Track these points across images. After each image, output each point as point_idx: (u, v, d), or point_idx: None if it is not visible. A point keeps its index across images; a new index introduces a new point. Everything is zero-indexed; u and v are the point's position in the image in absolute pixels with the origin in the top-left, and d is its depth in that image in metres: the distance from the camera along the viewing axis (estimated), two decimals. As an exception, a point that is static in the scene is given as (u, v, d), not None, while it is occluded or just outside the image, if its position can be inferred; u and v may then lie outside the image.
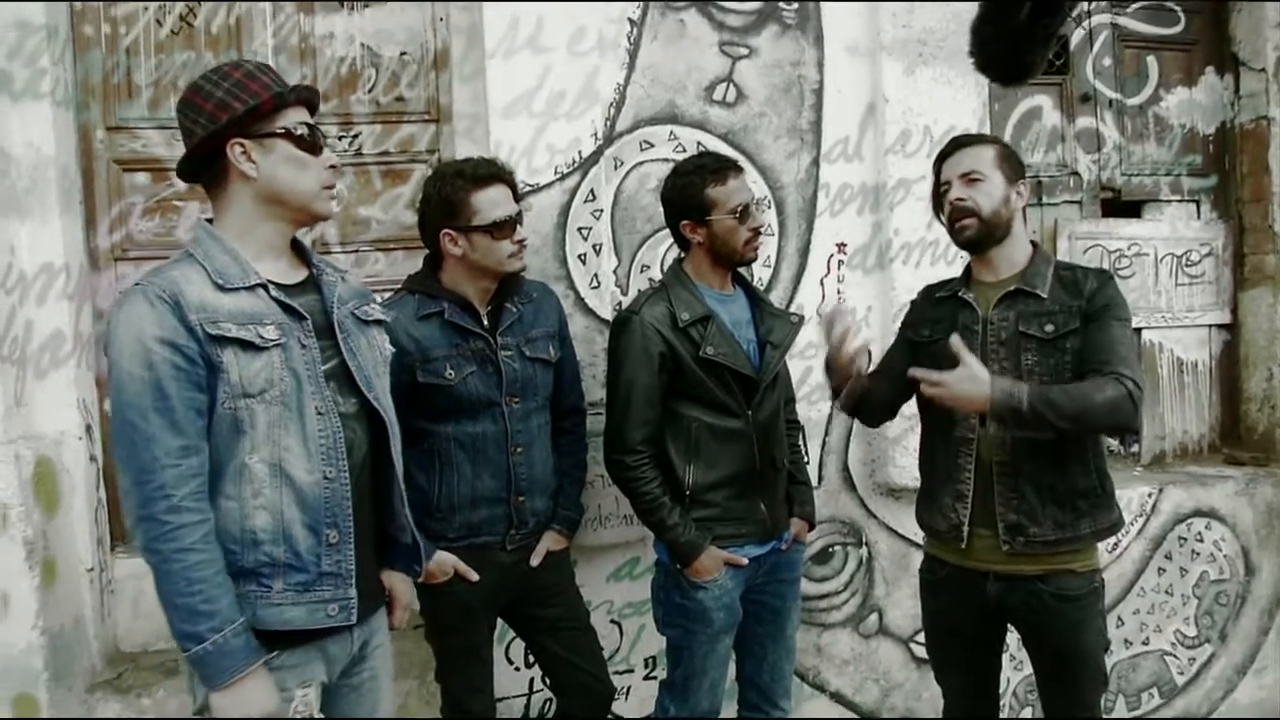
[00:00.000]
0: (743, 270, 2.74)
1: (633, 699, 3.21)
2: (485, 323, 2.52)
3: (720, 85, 3.24)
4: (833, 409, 3.31)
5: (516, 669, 3.12)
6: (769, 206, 3.28)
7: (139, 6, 3.07)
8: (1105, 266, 3.70)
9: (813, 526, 2.78)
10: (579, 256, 3.06)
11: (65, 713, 2.77)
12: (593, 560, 3.10)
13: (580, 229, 3.06)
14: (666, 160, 3.02)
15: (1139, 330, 3.79)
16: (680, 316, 2.49)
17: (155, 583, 1.67)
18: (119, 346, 1.66)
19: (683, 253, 2.67)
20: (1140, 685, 3.62)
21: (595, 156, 3.06)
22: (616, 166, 3.15)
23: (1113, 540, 3.18)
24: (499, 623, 2.70)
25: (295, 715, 1.74)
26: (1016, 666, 3.41)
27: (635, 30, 3.16)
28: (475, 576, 2.48)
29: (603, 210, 3.10)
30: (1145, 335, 3.86)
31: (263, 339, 1.72)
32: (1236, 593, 3.69)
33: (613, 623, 3.17)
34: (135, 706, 2.88)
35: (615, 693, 2.77)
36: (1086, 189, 3.86)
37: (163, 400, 1.64)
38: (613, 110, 3.14)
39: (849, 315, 2.40)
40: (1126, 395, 2.11)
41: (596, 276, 3.07)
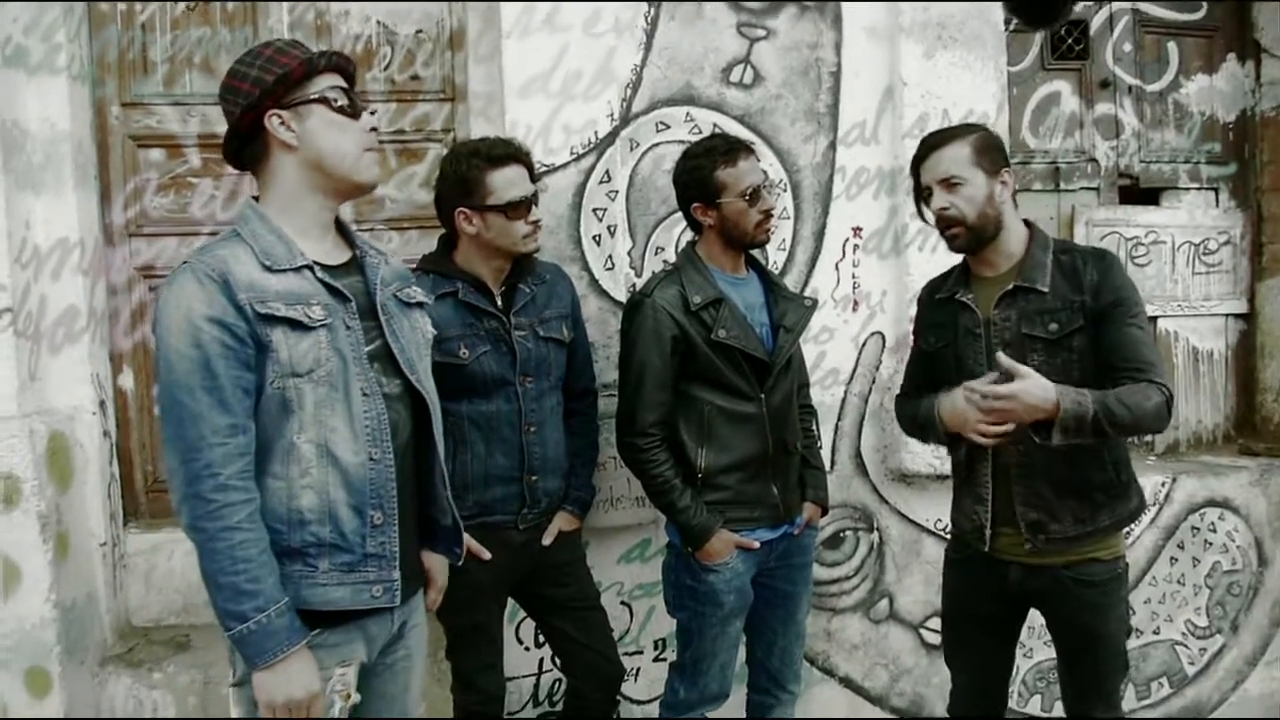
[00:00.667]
0: (756, 253, 2.73)
1: (642, 680, 3.22)
2: (499, 303, 2.52)
3: (737, 67, 3.22)
4: (846, 393, 3.31)
5: (526, 649, 3.13)
6: (785, 189, 3.25)
7: (155, -18, 3.07)
8: (1116, 251, 3.65)
9: (826, 512, 2.77)
10: (594, 238, 3.04)
11: (77, 687, 2.79)
12: (603, 541, 3.10)
13: (595, 210, 3.04)
14: (682, 142, 2.99)
15: (1154, 319, 3.76)
16: (692, 299, 2.48)
17: (199, 561, 1.66)
18: (167, 324, 1.66)
19: (695, 235, 2.65)
20: (1150, 675, 3.61)
21: (611, 137, 3.04)
22: (632, 148, 3.13)
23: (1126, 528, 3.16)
24: (509, 602, 2.70)
25: (333, 693, 1.74)
26: (1026, 654, 3.41)
27: (652, 10, 3.13)
28: (488, 555, 2.49)
29: (618, 192, 3.09)
30: (1161, 324, 3.83)
31: (310, 318, 1.71)
32: (1249, 584, 3.68)
33: (623, 604, 3.17)
34: (146, 681, 2.90)
35: (625, 673, 2.77)
36: (1104, 176, 3.82)
37: (211, 379, 1.63)
38: (629, 91, 3.12)
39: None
40: (1165, 401, 2.12)
41: (611, 258, 3.06)
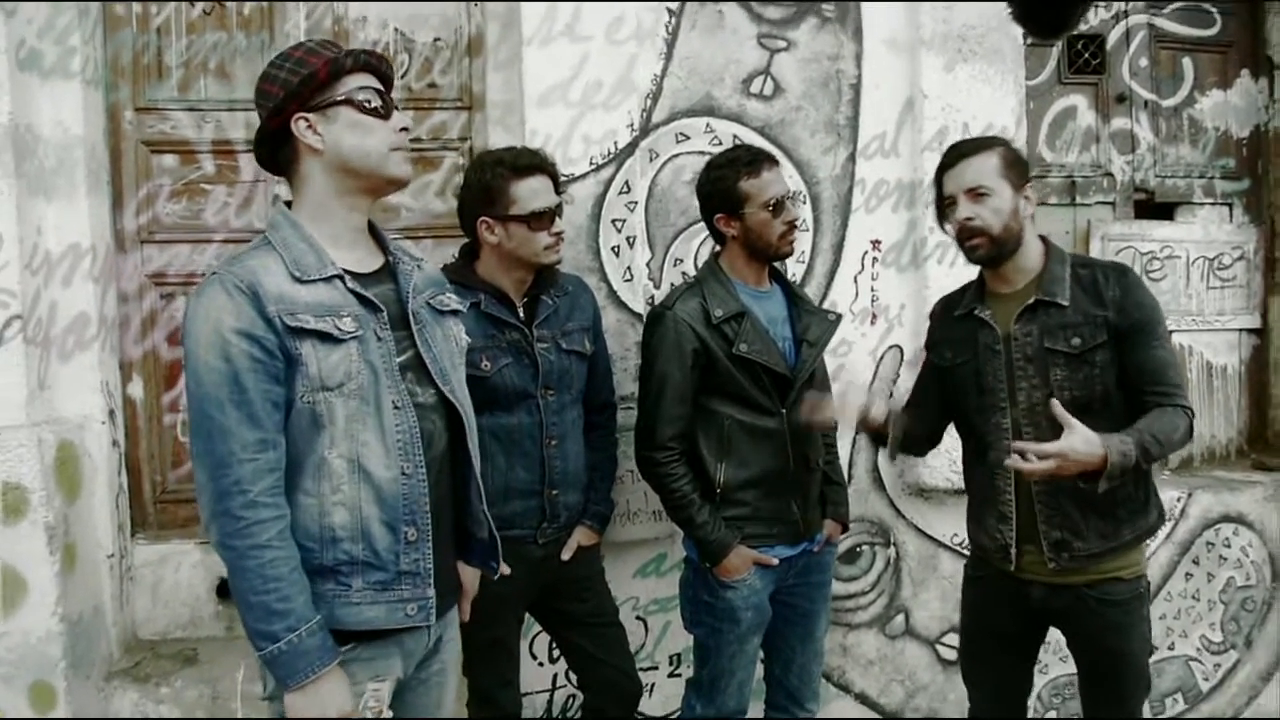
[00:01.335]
0: (777, 266, 2.70)
1: (657, 696, 3.19)
2: (521, 314, 2.49)
3: (758, 78, 3.20)
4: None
5: (540, 664, 3.10)
6: (804, 201, 3.24)
7: (170, -14, 3.03)
8: (1134, 266, 3.64)
9: (846, 528, 2.74)
10: (612, 248, 3.02)
11: (82, 701, 2.74)
12: (619, 555, 3.06)
13: (614, 221, 3.02)
14: (702, 153, 2.98)
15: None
16: (714, 313, 2.45)
17: (229, 580, 1.63)
18: (195, 337, 1.62)
19: (718, 247, 2.62)
20: (1165, 690, 3.59)
21: (631, 148, 3.02)
22: (652, 158, 3.11)
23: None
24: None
25: (365, 709, 1.70)
26: (1042, 670, 3.38)
27: (673, 20, 3.11)
28: (507, 569, 2.45)
29: (637, 203, 3.06)
30: (1175, 338, 3.82)
31: (340, 331, 1.67)
32: (1263, 599, 3.66)
33: (638, 619, 3.14)
34: (153, 695, 2.86)
35: (643, 690, 2.74)
36: (1120, 190, 3.81)
37: (240, 393, 1.60)
38: (649, 101, 3.10)
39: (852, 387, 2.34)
40: (1190, 425, 2.17)
41: (629, 269, 3.03)
